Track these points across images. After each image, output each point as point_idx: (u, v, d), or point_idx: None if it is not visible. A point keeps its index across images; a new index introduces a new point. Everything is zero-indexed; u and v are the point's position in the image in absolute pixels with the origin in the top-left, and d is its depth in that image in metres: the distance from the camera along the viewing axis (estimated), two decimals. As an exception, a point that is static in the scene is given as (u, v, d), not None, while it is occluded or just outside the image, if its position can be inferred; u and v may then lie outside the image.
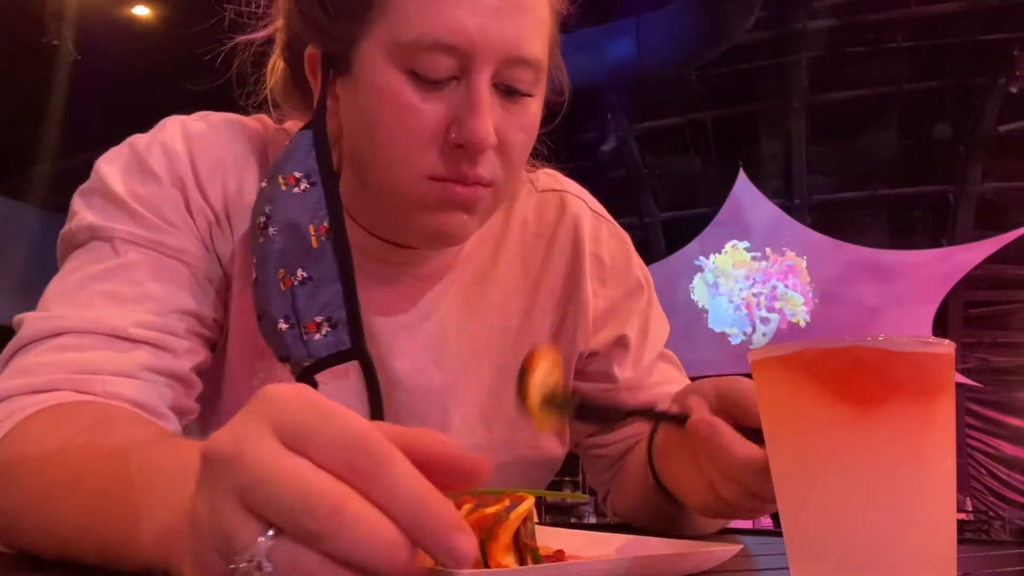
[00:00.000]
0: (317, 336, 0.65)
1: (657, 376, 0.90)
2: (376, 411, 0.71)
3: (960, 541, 0.41)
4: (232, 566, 0.30)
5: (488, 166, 0.67)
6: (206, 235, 0.71)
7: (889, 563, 0.37)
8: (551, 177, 0.90)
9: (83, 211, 0.70)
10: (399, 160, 0.66)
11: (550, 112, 0.76)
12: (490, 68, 0.64)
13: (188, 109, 0.77)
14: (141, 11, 5.35)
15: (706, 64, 6.29)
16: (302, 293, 0.65)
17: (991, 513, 6.92)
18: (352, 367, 0.76)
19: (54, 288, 0.67)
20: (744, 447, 0.61)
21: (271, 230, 0.66)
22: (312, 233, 0.66)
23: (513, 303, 0.84)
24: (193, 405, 0.70)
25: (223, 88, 0.79)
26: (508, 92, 0.67)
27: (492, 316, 0.83)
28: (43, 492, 0.52)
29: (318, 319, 0.65)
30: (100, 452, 0.51)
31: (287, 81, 0.77)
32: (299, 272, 0.65)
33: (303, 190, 0.67)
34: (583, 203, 0.88)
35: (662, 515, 0.80)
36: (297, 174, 0.67)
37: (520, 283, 0.85)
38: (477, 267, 0.83)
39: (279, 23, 0.75)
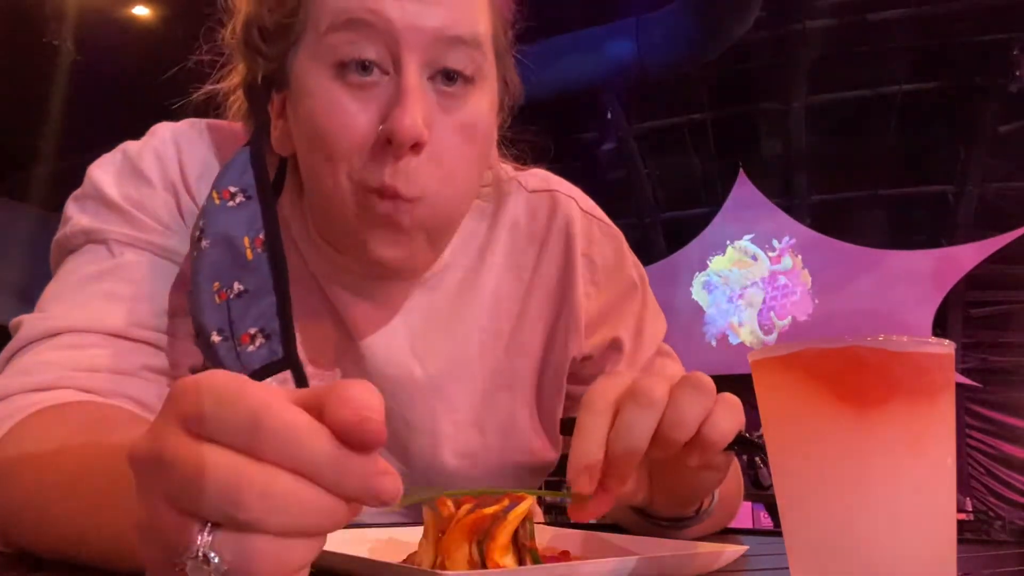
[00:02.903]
0: (251, 348, 0.64)
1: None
2: None
3: (960, 541, 0.41)
4: (179, 567, 0.30)
5: (414, 181, 0.63)
6: None
7: (889, 563, 0.37)
8: (541, 177, 0.87)
9: (77, 216, 0.70)
10: (328, 164, 0.64)
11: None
12: (419, 55, 0.62)
13: (187, 108, 0.77)
14: (141, 11, 5.35)
15: (706, 64, 6.29)
16: (237, 306, 0.64)
17: (991, 513, 6.92)
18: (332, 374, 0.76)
19: (51, 291, 0.68)
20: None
21: (204, 243, 0.65)
22: (247, 245, 0.65)
23: (505, 306, 0.82)
24: None
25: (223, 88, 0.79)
26: (448, 77, 0.64)
27: (482, 319, 0.81)
28: (42, 491, 0.52)
29: (252, 331, 0.64)
30: (99, 451, 0.51)
31: (247, 114, 0.77)
32: (236, 285, 0.64)
33: (237, 204, 0.66)
34: (574, 202, 0.86)
35: (639, 529, 0.79)
36: (232, 188, 0.66)
37: (512, 286, 0.83)
38: (462, 270, 0.81)
39: (240, 65, 0.75)
